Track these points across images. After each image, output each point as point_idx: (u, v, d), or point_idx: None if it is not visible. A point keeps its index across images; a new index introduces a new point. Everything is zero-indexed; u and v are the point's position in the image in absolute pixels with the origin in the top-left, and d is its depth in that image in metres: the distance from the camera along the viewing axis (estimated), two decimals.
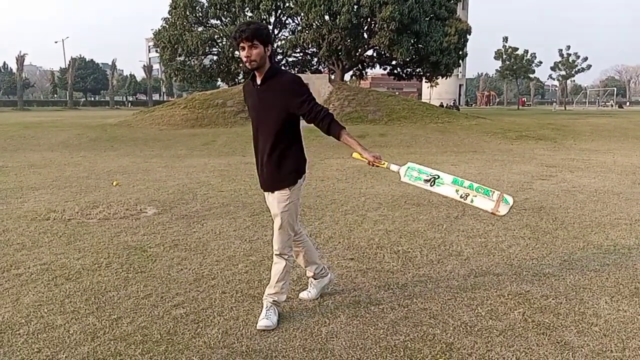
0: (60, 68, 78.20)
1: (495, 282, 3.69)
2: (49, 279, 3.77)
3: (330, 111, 2.97)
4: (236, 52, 32.76)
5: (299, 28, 31.17)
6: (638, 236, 4.88)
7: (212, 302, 3.35)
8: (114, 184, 7.87)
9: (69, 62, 66.06)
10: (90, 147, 14.48)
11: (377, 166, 2.98)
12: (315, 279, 3.43)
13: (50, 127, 19.79)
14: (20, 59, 56.49)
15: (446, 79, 33.98)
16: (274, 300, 3.09)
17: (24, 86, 62.61)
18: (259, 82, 2.93)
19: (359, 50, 29.86)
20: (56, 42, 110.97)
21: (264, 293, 3.16)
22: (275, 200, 2.98)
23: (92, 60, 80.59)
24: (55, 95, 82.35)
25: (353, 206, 6.27)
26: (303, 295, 3.44)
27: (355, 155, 3.05)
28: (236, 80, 34.12)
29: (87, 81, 77.91)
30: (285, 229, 3.00)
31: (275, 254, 3.07)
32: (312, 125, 2.95)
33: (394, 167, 3.08)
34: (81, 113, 42.26)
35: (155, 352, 2.70)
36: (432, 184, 3.05)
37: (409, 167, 3.11)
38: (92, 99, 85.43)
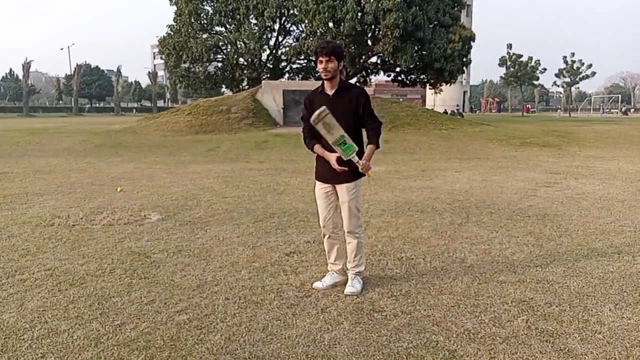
0: (66, 74, 78.89)
1: (498, 289, 3.68)
2: (53, 284, 3.79)
3: (379, 125, 3.52)
4: (240, 59, 33.11)
5: (303, 35, 31.31)
6: None
7: (215, 308, 3.35)
8: (118, 190, 7.90)
9: (75, 68, 66.61)
10: (94, 153, 14.56)
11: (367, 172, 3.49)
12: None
13: (56, 133, 19.92)
14: (26, 66, 56.93)
15: (450, 85, 33.94)
16: (356, 272, 3.65)
17: (29, 92, 63.00)
18: (330, 91, 3.48)
19: (363, 57, 29.94)
20: (62, 49, 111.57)
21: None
22: (345, 190, 3.53)
23: (97, 66, 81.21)
24: (61, 102, 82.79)
25: None
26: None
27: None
28: (240, 86, 34.30)
29: (92, 87, 78.42)
30: (354, 212, 3.56)
31: (347, 233, 3.62)
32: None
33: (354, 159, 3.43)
34: (86, 119, 42.52)
35: (159, 358, 2.70)
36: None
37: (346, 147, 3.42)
38: (97, 105, 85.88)
